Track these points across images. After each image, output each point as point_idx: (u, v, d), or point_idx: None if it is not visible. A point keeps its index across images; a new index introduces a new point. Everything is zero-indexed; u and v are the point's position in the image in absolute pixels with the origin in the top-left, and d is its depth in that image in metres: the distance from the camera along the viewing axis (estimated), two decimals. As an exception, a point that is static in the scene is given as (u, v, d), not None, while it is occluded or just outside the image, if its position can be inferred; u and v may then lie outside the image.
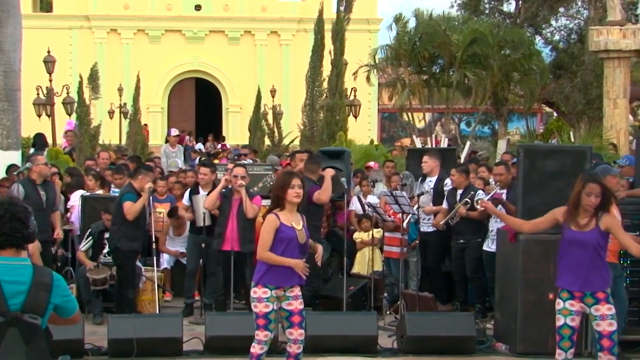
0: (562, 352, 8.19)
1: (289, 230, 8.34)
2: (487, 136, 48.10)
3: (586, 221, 8.13)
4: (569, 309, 8.15)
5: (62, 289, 5.25)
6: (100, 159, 18.12)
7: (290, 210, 8.42)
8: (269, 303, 8.33)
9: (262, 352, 8.37)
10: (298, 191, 8.37)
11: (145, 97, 47.47)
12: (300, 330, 8.37)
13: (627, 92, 25.65)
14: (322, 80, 28.89)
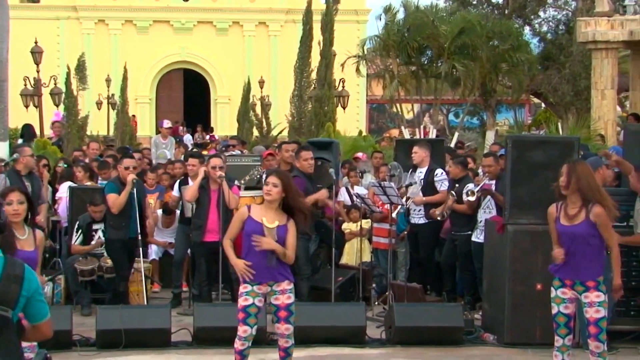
0: (559, 339, 8.20)
1: (255, 224, 8.27)
2: (476, 127, 48.08)
3: (575, 212, 8.11)
4: (561, 297, 8.17)
5: (33, 284, 5.13)
6: (91, 150, 18.12)
7: (268, 206, 8.36)
8: (248, 297, 8.31)
9: (243, 348, 8.34)
10: (269, 189, 8.28)
11: (133, 88, 47.40)
12: (287, 325, 8.33)
13: (614, 83, 25.70)
14: (310, 71, 28.87)
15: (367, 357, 10.40)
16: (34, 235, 7.39)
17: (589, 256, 8.10)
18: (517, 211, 10.98)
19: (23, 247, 7.12)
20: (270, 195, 8.27)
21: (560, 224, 8.18)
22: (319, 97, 27.69)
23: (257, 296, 8.31)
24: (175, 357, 10.24)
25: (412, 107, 35.57)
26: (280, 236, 8.29)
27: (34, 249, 7.27)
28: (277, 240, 8.26)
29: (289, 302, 8.34)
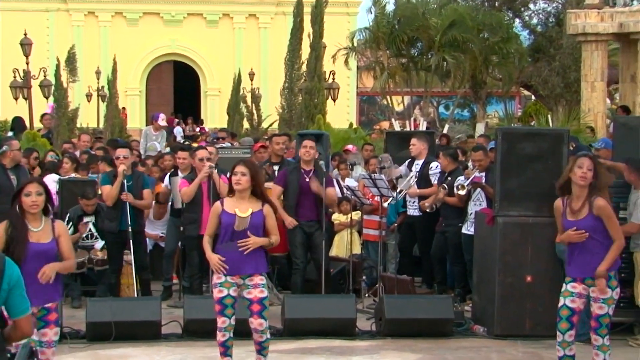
0: (559, 334, 8.20)
1: (228, 216, 8.34)
2: (466, 119, 48.14)
3: (579, 206, 8.10)
4: (570, 290, 8.18)
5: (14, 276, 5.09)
6: (81, 142, 18.09)
7: (240, 196, 8.39)
8: (222, 288, 8.35)
9: (225, 339, 8.40)
10: (238, 178, 8.32)
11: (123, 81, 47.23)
12: (260, 320, 8.34)
13: (604, 75, 25.75)
14: (300, 64, 28.86)
15: (357, 349, 10.41)
16: (52, 226, 7.32)
17: (595, 250, 8.09)
18: (507, 203, 11.00)
19: (39, 240, 7.13)
20: (240, 185, 8.33)
21: (567, 219, 8.18)
22: (309, 90, 27.68)
23: (231, 287, 8.35)
24: (165, 350, 10.24)
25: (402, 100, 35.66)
26: (255, 223, 8.34)
27: (50, 240, 7.21)
28: (251, 228, 8.30)
29: (262, 296, 8.36)
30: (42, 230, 7.22)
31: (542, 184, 10.83)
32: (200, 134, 34.25)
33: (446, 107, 50.63)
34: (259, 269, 8.39)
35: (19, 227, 7.09)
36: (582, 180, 8.06)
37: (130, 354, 9.95)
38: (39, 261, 7.12)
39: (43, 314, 7.15)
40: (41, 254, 7.11)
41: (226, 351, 8.45)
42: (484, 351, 10.42)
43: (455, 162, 13.30)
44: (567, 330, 8.17)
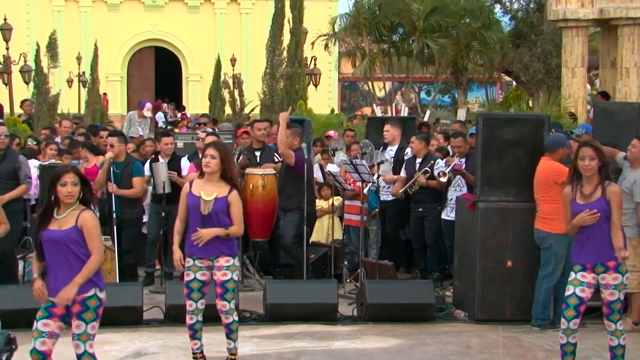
0: (564, 321, 8.13)
1: (193, 199, 8.33)
2: (447, 105, 48.23)
3: (591, 190, 8.07)
4: (580, 279, 8.11)
5: None
6: (62, 128, 18.02)
7: (208, 179, 8.38)
8: (189, 272, 8.37)
9: (193, 322, 8.43)
10: (208, 161, 8.31)
11: (104, 66, 47.18)
12: (223, 302, 8.34)
13: (585, 61, 25.82)
14: (282, 49, 28.83)
15: (339, 334, 10.44)
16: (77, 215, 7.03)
17: (606, 234, 8.07)
18: (488, 188, 11.04)
19: (61, 227, 6.96)
20: (209, 167, 8.31)
21: (577, 203, 8.10)
22: (291, 75, 27.67)
23: (199, 270, 8.35)
24: (147, 335, 10.24)
25: (383, 85, 35.64)
26: (217, 208, 8.32)
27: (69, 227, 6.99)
28: (211, 212, 8.29)
29: (224, 279, 8.35)
30: (65, 218, 7.01)
31: (523, 169, 10.88)
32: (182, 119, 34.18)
33: (428, 92, 50.69)
34: (224, 252, 8.37)
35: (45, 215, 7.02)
36: (587, 171, 8.06)
37: (111, 339, 9.94)
38: (55, 249, 6.96)
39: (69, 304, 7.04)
40: (54, 242, 6.95)
41: (194, 334, 8.47)
42: (465, 336, 10.46)
43: (427, 146, 13.31)
44: (573, 318, 8.12)
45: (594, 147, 8.13)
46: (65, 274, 6.93)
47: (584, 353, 9.62)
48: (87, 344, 7.07)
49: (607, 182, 8.10)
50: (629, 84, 24.12)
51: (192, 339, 8.48)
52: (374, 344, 10.01)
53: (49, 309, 7.01)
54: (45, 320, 7.00)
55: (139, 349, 9.67)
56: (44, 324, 7.00)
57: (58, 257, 6.96)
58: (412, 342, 10.10)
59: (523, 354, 9.63)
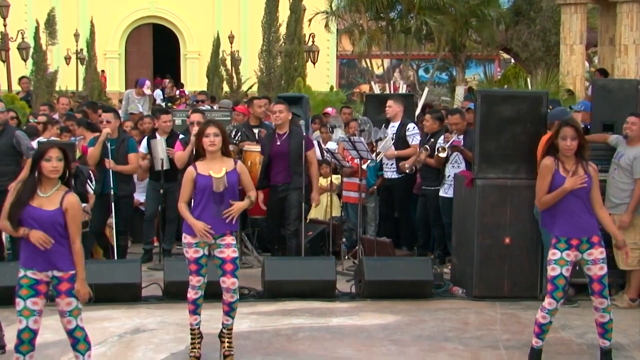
0: (553, 302, 8.03)
1: (204, 179, 8.27)
2: (445, 83, 48.16)
3: (573, 167, 8.04)
4: (566, 259, 8.03)
5: None
6: (60, 105, 18.00)
7: (211, 158, 8.34)
8: (198, 248, 8.33)
9: (197, 297, 8.40)
10: (212, 140, 8.24)
11: (102, 43, 47.10)
12: (233, 279, 8.28)
13: (583, 38, 25.79)
14: (278, 26, 28.77)
15: (337, 310, 10.46)
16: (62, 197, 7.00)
17: (588, 210, 8.05)
18: (486, 165, 11.05)
19: (42, 206, 6.92)
20: (215, 146, 8.26)
21: (560, 175, 8.01)
22: (289, 52, 27.62)
23: (205, 246, 8.34)
24: (145, 311, 10.27)
25: (382, 63, 35.55)
26: (231, 182, 8.31)
27: (54, 209, 6.95)
28: (228, 187, 8.28)
29: (234, 256, 8.32)
30: (48, 197, 6.97)
31: (521, 146, 10.89)
32: (180, 96, 34.13)
33: (426, 70, 50.61)
34: (232, 228, 8.39)
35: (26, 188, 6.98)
36: (568, 152, 8.02)
37: (110, 316, 9.98)
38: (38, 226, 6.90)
39: (54, 282, 7.02)
40: (39, 221, 6.95)
41: (196, 309, 8.45)
42: (462, 312, 10.48)
43: (442, 124, 13.32)
44: (561, 299, 8.11)
45: (575, 128, 8.10)
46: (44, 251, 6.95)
47: (581, 329, 9.69)
48: (79, 319, 7.13)
49: (585, 161, 8.06)
50: (628, 61, 24.09)
51: (193, 314, 8.47)
52: (372, 321, 10.04)
53: (34, 287, 7.00)
54: (33, 299, 6.99)
55: (138, 325, 9.70)
56: (33, 302, 6.99)
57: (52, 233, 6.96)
58: (410, 318, 10.13)
59: (521, 330, 9.66)
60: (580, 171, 8.01)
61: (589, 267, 8.08)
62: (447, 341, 9.26)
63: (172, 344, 9.00)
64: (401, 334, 9.51)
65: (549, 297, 8.06)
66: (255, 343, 8.97)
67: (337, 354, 8.80)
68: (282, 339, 9.19)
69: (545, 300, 8.11)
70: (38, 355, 7.37)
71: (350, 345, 9.07)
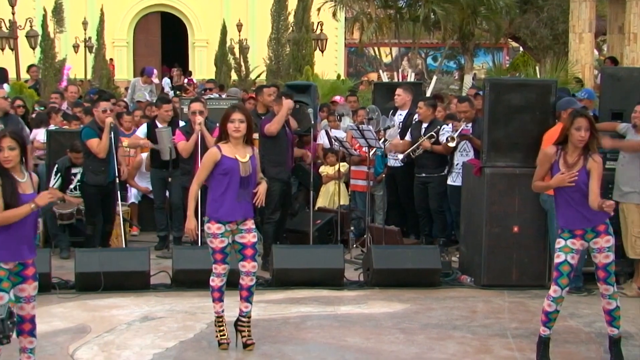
0: (558, 289, 8.00)
1: (231, 161, 8.26)
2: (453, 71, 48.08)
3: (575, 159, 8.00)
4: (570, 246, 8.02)
5: None
6: (69, 93, 18.02)
7: (235, 143, 8.33)
8: (224, 238, 8.33)
9: (222, 284, 8.41)
10: (237, 126, 8.24)
11: (110, 32, 47.04)
12: (253, 263, 8.34)
13: (592, 26, 25.68)
14: (287, 14, 28.72)
15: (345, 299, 10.48)
16: (31, 178, 7.14)
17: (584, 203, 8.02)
18: (495, 154, 11.04)
19: (25, 191, 6.97)
20: (240, 132, 8.27)
21: (559, 168, 8.00)
22: (297, 41, 27.58)
23: (230, 235, 8.36)
24: (154, 299, 10.30)
25: (390, 51, 35.49)
26: (253, 167, 8.36)
27: (33, 191, 7.06)
28: (251, 172, 8.32)
29: (255, 241, 8.39)
30: (26, 181, 7.04)
31: (530, 134, 10.88)
32: (188, 85, 34.13)
33: (434, 58, 50.52)
34: (249, 214, 8.40)
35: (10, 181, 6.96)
36: (581, 142, 7.99)
37: (119, 304, 10.00)
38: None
39: (19, 269, 7.00)
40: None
41: (221, 297, 8.45)
42: (470, 301, 10.49)
43: (434, 112, 13.28)
44: (566, 286, 8.08)
45: (588, 118, 8.07)
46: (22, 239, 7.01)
47: (589, 318, 9.69)
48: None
49: (589, 152, 8.01)
50: (637, 49, 24.02)
51: (219, 302, 8.46)
52: (380, 309, 10.05)
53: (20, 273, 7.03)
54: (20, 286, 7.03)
55: (146, 313, 9.72)
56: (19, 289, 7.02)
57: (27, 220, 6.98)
58: (418, 307, 10.13)
59: (529, 319, 9.66)
60: (577, 166, 7.97)
61: (595, 255, 8.07)
62: (455, 329, 9.27)
63: (181, 332, 9.02)
64: (409, 322, 9.51)
65: (554, 284, 8.05)
66: (263, 331, 8.98)
67: (345, 342, 8.81)
68: (291, 327, 9.20)
69: (551, 288, 8.10)
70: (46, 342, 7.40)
71: (358, 333, 9.09)
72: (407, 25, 33.83)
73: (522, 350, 8.59)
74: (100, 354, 8.29)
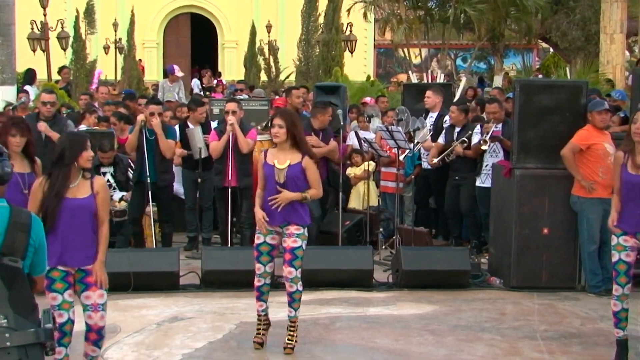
0: (619, 288, 8.02)
1: (268, 168, 8.28)
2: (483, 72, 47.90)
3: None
4: (623, 244, 8.00)
5: (40, 234, 4.99)
6: (100, 94, 18.10)
7: (281, 148, 8.32)
8: (259, 235, 8.35)
9: (260, 284, 8.39)
10: (276, 131, 8.23)
11: (141, 33, 47.15)
12: (289, 269, 8.27)
13: (624, 27, 25.53)
14: (317, 15, 28.74)
15: (374, 300, 10.48)
16: (91, 182, 7.03)
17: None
18: (524, 155, 11.01)
19: (75, 195, 6.90)
20: (278, 137, 8.27)
21: (627, 172, 7.95)
22: (327, 42, 27.62)
23: (269, 234, 8.33)
24: (183, 300, 10.33)
25: (419, 52, 35.42)
26: (291, 175, 8.24)
27: (87, 195, 6.94)
28: (287, 180, 8.25)
29: (294, 246, 8.27)
30: (77, 185, 6.95)
31: (560, 136, 10.83)
32: (217, 85, 34.20)
33: (464, 59, 50.36)
34: (295, 220, 8.29)
35: (58, 181, 6.90)
36: (637, 135, 7.95)
37: (149, 304, 10.05)
38: (74, 218, 6.89)
39: (81, 275, 6.98)
40: (75, 209, 6.89)
41: (261, 296, 8.44)
42: (500, 303, 10.46)
43: (467, 116, 13.27)
44: (626, 284, 8.03)
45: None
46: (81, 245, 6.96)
47: (619, 320, 9.62)
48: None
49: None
50: (668, 50, 23.87)
51: (258, 300, 8.48)
52: (409, 311, 10.04)
53: (65, 279, 6.97)
54: (69, 291, 7.00)
55: (176, 313, 9.76)
56: (69, 294, 7.00)
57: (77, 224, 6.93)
58: (447, 308, 10.12)
59: (558, 321, 9.63)
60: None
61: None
62: (485, 331, 9.25)
63: (210, 333, 9.05)
64: (438, 323, 9.50)
65: (614, 284, 8.10)
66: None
67: (374, 343, 8.81)
68: (320, 328, 9.21)
69: (613, 287, 8.13)
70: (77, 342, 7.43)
71: (388, 335, 9.08)
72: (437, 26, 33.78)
73: (551, 352, 8.55)
74: (130, 354, 8.33)
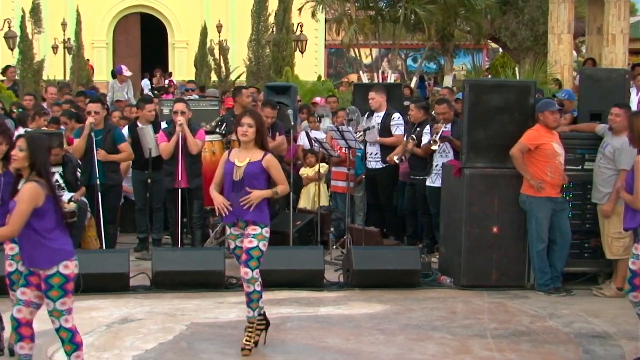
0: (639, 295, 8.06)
1: (228, 165, 8.28)
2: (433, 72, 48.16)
3: None
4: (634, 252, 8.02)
5: None
6: (49, 94, 17.93)
7: (245, 147, 8.32)
8: (230, 240, 8.38)
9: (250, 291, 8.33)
10: (246, 130, 8.22)
11: (90, 33, 46.89)
12: (245, 269, 8.22)
13: (571, 27, 25.79)
14: (267, 15, 28.72)
15: (325, 300, 10.47)
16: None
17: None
18: (474, 155, 11.06)
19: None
20: (247, 136, 8.23)
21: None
22: (277, 42, 27.61)
23: (236, 238, 8.33)
24: (133, 301, 10.26)
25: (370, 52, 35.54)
26: (249, 172, 8.20)
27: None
28: (244, 177, 8.21)
29: (249, 246, 8.22)
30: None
31: (509, 135, 10.89)
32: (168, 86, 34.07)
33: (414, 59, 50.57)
34: (254, 219, 8.25)
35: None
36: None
37: (98, 306, 9.96)
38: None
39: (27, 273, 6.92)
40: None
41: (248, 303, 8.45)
42: (450, 302, 10.50)
43: (427, 114, 13.32)
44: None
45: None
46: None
47: (568, 318, 9.70)
48: (62, 319, 6.89)
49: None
50: (615, 50, 24.12)
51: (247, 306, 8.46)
52: (360, 310, 10.05)
53: (27, 277, 6.92)
54: (22, 289, 6.92)
55: (126, 315, 9.69)
56: (21, 292, 6.92)
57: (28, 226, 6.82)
58: (398, 307, 10.14)
59: (508, 319, 9.68)
60: None
61: None
62: (435, 330, 9.27)
63: (160, 334, 8.99)
64: (389, 323, 9.51)
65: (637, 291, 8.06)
66: (242, 332, 8.94)
67: (325, 343, 8.80)
68: (270, 328, 9.16)
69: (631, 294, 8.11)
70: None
71: (339, 334, 9.08)
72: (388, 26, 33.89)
73: (501, 350, 8.59)
74: (79, 356, 8.24)
